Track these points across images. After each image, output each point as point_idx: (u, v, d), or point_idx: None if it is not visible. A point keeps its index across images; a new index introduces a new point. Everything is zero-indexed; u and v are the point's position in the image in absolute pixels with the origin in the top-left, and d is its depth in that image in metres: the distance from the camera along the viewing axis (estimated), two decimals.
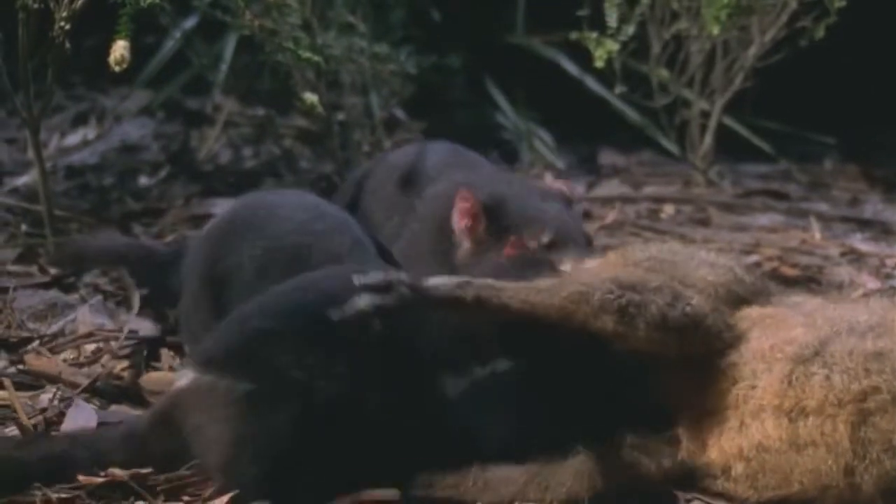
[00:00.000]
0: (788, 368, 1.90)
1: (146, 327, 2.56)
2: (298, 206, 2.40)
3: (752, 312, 2.02)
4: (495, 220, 2.47)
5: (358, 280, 1.91)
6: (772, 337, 1.96)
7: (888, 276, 3.28)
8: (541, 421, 2.00)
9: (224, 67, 4.16)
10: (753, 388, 1.92)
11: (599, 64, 3.54)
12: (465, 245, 2.50)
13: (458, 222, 2.49)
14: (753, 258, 3.28)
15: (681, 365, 2.00)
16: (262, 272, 2.28)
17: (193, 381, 1.97)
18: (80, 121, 4.20)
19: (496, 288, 1.95)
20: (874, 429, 1.84)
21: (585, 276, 2.03)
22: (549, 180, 2.46)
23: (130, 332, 2.51)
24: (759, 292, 2.08)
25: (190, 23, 4.10)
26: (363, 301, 1.90)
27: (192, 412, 1.95)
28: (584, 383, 2.02)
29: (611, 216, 3.67)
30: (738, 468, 1.91)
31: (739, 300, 2.04)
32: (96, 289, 2.77)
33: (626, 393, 2.03)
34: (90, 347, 2.47)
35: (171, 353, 2.49)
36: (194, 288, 2.40)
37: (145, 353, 2.46)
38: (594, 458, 1.94)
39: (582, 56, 3.75)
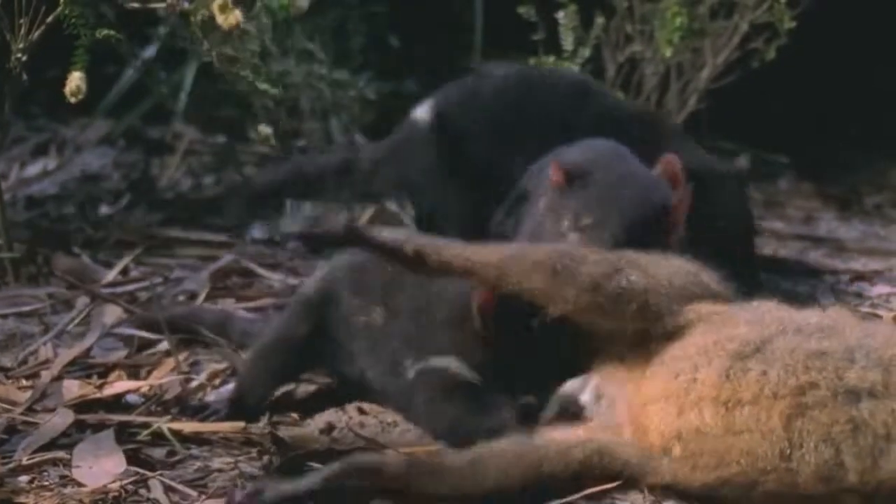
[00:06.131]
0: (727, 364, 1.98)
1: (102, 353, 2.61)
2: None
3: (700, 308, 2.09)
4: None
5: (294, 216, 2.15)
6: (716, 333, 2.03)
7: (842, 293, 3.33)
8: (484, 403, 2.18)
9: (184, 96, 4.17)
10: (694, 380, 1.99)
11: None
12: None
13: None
14: None
15: (626, 354, 2.07)
16: None
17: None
18: (40, 151, 4.20)
19: (438, 245, 2.12)
20: (812, 421, 1.91)
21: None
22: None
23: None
24: (719, 297, 2.14)
25: (149, 52, 4.12)
26: (293, 227, 2.09)
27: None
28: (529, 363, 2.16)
29: None
30: (677, 450, 1.98)
31: (694, 298, 2.11)
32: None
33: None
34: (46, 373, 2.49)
35: (122, 372, 2.53)
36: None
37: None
38: (529, 446, 2.04)
39: None
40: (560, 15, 3.57)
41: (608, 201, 2.38)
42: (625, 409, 2.07)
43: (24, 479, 2.08)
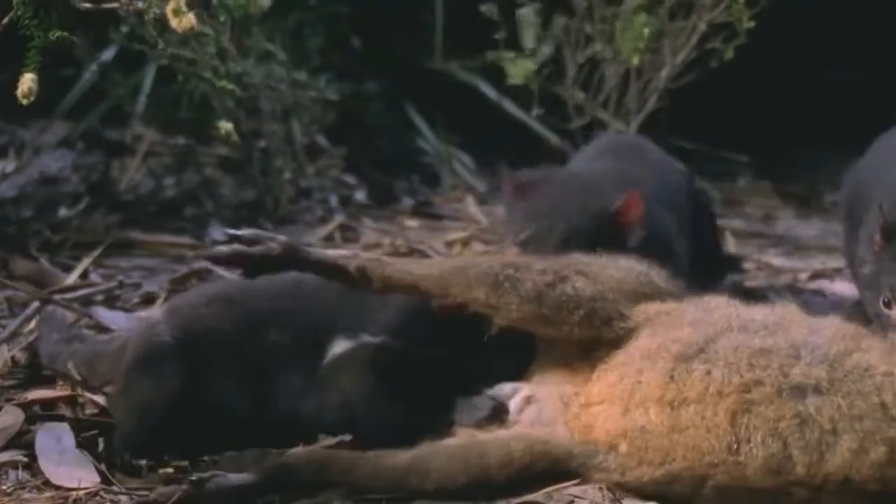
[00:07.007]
0: (670, 366, 2.00)
1: None
2: None
3: (649, 308, 2.11)
4: None
5: (224, 232, 2.12)
6: (661, 335, 2.05)
7: (801, 291, 3.36)
8: (421, 404, 2.15)
9: (143, 98, 4.15)
10: (639, 383, 2.01)
11: (518, 81, 3.60)
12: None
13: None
14: None
15: (571, 358, 2.08)
16: None
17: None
18: None
19: (381, 261, 2.12)
20: (758, 416, 1.94)
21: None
22: None
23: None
24: (669, 295, 2.16)
25: (108, 54, 4.10)
26: (224, 248, 2.09)
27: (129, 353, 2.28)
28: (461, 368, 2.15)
29: None
30: (623, 446, 1.99)
31: (645, 298, 2.12)
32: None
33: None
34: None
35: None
36: None
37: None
38: (470, 444, 2.04)
39: (500, 80, 3.81)
40: (523, 11, 3.59)
41: (547, 212, 2.44)
42: (558, 410, 2.08)
43: None
